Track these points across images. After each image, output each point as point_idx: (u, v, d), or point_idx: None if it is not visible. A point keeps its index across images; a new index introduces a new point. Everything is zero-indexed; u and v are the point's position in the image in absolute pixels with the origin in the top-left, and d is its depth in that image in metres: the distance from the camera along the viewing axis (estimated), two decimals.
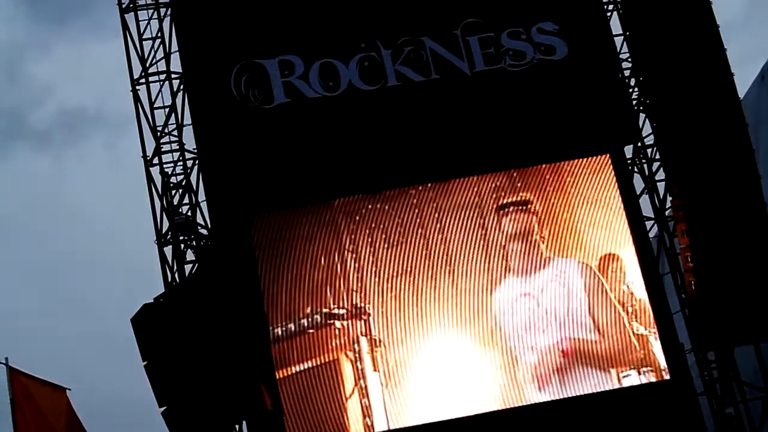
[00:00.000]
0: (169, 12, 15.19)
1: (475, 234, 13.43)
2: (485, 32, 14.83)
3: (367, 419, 11.31)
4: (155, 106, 15.11)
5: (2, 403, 13.98)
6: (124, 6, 15.26)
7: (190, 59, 14.73)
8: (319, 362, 11.09)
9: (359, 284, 12.67)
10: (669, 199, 15.19)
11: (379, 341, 11.90)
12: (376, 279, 12.60)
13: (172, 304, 13.72)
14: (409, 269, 12.86)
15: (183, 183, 14.86)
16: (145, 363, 13.56)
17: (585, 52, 14.88)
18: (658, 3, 15.31)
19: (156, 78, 15.19)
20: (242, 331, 13.08)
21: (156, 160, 14.89)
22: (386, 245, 12.99)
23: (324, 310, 11.83)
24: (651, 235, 15.19)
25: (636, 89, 15.49)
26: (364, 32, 14.76)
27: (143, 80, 15.13)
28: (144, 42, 15.28)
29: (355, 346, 11.53)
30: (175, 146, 15.00)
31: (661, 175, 15.40)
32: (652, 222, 15.32)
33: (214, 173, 14.34)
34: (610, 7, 15.68)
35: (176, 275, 14.41)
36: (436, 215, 13.58)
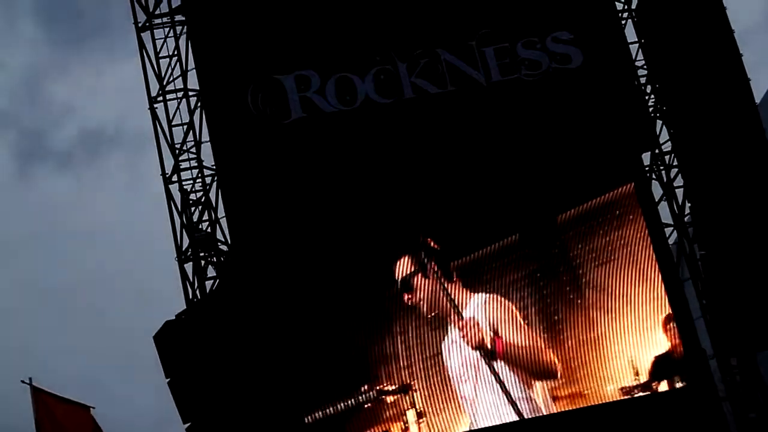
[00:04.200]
0: (185, 30, 15.26)
1: None
2: (500, 43, 14.85)
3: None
4: (173, 123, 15.19)
5: (27, 423, 14.04)
6: (140, 25, 15.34)
7: (207, 76, 14.77)
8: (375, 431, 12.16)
9: (407, 362, 13.31)
10: (688, 205, 15.22)
11: (424, 412, 12.67)
12: (421, 358, 13.22)
13: (194, 321, 13.78)
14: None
15: (202, 199, 14.92)
16: (168, 380, 13.63)
17: (600, 60, 14.88)
18: (673, 10, 15.33)
19: (173, 96, 15.26)
20: (265, 345, 13.13)
21: (175, 178, 14.96)
22: (428, 328, 13.16)
23: (377, 388, 12.70)
24: (671, 241, 15.19)
25: (652, 96, 15.49)
26: (379, 45, 14.78)
27: (161, 98, 15.20)
28: (161, 60, 15.37)
29: (404, 417, 12.43)
30: (193, 163, 15.07)
31: (679, 181, 15.41)
32: (672, 229, 15.31)
33: (232, 189, 14.40)
34: (625, 15, 15.69)
35: (197, 292, 14.45)
36: None
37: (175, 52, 15.36)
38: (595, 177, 14.53)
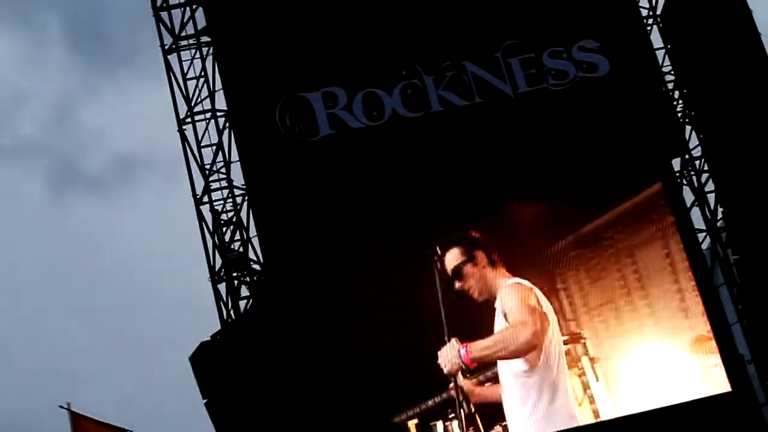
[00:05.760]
0: (211, 51, 15.32)
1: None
2: (526, 53, 14.82)
3: (597, 419, 12.73)
4: (202, 144, 15.25)
5: None
6: (167, 47, 15.41)
7: (235, 96, 14.81)
8: None
9: (573, 315, 13.96)
10: (720, 209, 15.16)
11: (596, 358, 12.98)
12: (585, 309, 13.94)
13: (230, 341, 13.81)
14: (610, 299, 13.97)
15: (233, 219, 14.96)
16: (205, 401, 13.64)
17: (627, 67, 14.81)
18: (699, 14, 15.30)
19: (202, 117, 15.34)
20: (303, 363, 13.15)
21: (206, 198, 15.01)
22: (589, 281, 14.03)
23: None
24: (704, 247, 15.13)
25: (680, 101, 15.45)
26: (404, 59, 14.77)
27: (189, 120, 15.27)
28: (188, 82, 15.44)
29: (579, 363, 12.64)
30: (224, 183, 15.12)
31: (710, 186, 15.35)
32: (704, 234, 15.25)
33: (263, 208, 14.42)
34: (650, 21, 15.66)
35: (232, 312, 14.48)
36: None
37: (202, 74, 15.43)
38: (625, 184, 14.47)
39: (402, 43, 14.86)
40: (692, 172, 15.45)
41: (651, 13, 15.71)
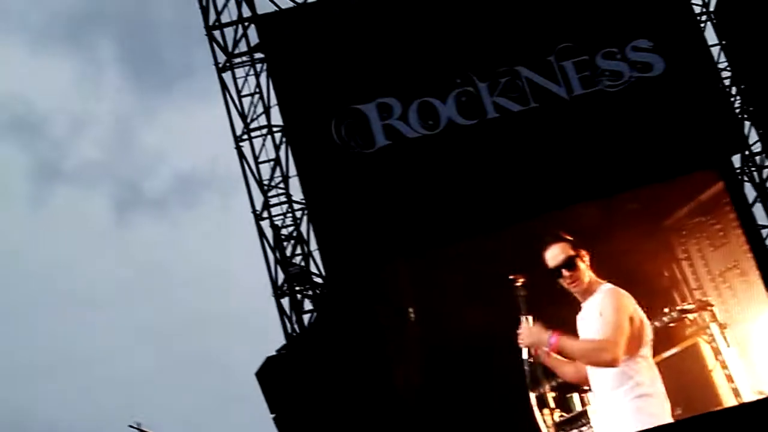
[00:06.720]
0: (265, 67, 15.40)
1: None
2: (580, 56, 14.73)
3: (731, 384, 12.51)
4: (260, 160, 15.31)
5: None
6: (221, 65, 15.51)
7: (290, 111, 14.89)
8: (682, 347, 12.65)
9: (697, 284, 14.62)
10: None
11: (725, 324, 12.98)
12: (709, 277, 14.49)
13: (295, 355, 13.85)
14: (735, 263, 14.28)
15: (294, 234, 15.01)
16: (273, 416, 13.70)
17: (682, 65, 14.70)
18: (752, 8, 15.15)
19: (258, 133, 15.40)
20: (368, 375, 13.17)
21: (266, 214, 15.06)
22: (711, 248, 14.53)
23: (677, 308, 13.02)
24: None
25: (738, 98, 15.30)
26: (458, 67, 14.75)
27: (246, 137, 15.34)
28: (243, 99, 15.52)
29: (708, 330, 12.67)
30: (282, 198, 15.17)
31: None
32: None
33: (323, 221, 14.46)
34: (704, 17, 15.52)
35: (296, 326, 14.52)
36: None
37: (257, 90, 15.50)
38: (686, 181, 14.44)
39: (454, 51, 14.85)
40: (753, 168, 15.28)
41: (704, 9, 15.55)
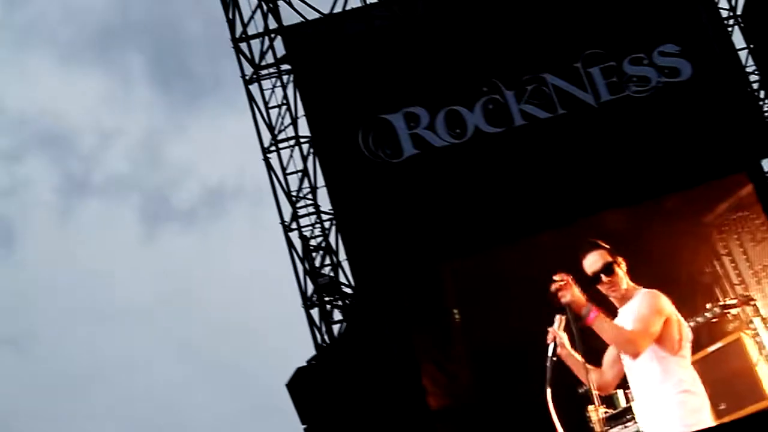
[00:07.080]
0: (291, 78, 15.44)
1: None
2: (606, 62, 14.66)
3: None
4: (288, 171, 15.37)
5: None
6: (248, 78, 15.56)
7: (317, 122, 14.90)
8: (725, 342, 12.49)
9: (739, 279, 14.63)
10: None
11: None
12: (751, 271, 14.48)
13: (326, 365, 13.86)
14: None
15: (322, 244, 15.03)
16: (305, 426, 13.70)
17: (710, 70, 14.60)
18: None
19: (286, 144, 15.46)
20: (398, 385, 13.16)
21: (294, 225, 15.10)
22: (753, 243, 14.52)
23: (719, 303, 13.01)
24: None
25: (766, 101, 15.22)
26: (484, 75, 14.70)
27: (274, 148, 15.39)
28: (270, 110, 15.58)
29: (751, 325, 12.60)
30: (311, 209, 15.21)
31: None
32: None
33: (351, 232, 14.45)
34: (731, 21, 15.45)
35: (326, 336, 14.53)
36: None
37: (284, 101, 15.56)
38: (714, 186, 14.38)
39: (481, 59, 14.80)
40: None
41: (731, 13, 15.48)
